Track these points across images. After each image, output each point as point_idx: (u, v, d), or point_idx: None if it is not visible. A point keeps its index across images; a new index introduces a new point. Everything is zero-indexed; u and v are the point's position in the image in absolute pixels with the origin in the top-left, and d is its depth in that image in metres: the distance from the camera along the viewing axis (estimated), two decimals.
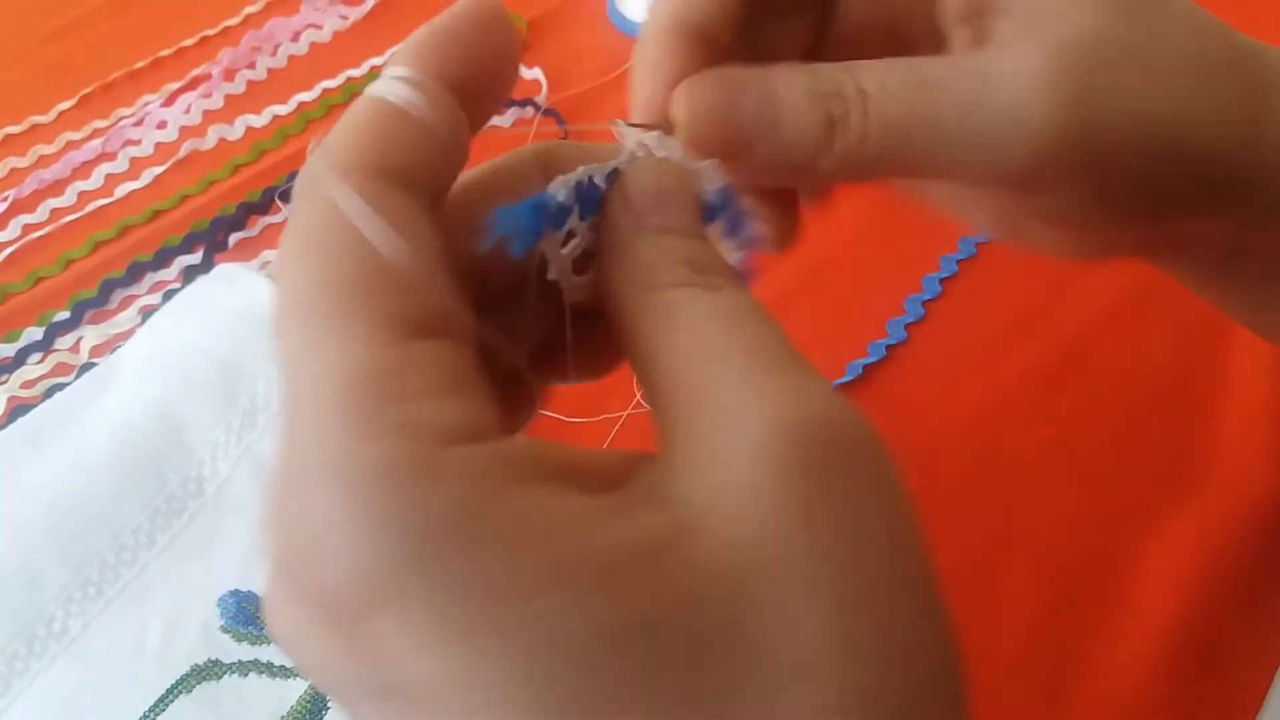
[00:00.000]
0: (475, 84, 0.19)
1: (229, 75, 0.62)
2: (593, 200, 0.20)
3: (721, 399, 0.16)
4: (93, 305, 0.50)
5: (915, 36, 0.24)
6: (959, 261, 0.46)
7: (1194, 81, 0.22)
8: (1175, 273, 0.30)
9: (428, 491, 0.14)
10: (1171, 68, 0.22)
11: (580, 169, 0.20)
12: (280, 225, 0.53)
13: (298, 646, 0.16)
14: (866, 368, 0.43)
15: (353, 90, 0.60)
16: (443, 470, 0.14)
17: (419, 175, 0.17)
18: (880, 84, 0.21)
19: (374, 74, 0.61)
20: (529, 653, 0.14)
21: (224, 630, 0.37)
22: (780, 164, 0.22)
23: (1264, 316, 0.30)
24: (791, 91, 0.22)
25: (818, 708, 0.14)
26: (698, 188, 0.21)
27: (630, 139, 0.22)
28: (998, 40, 0.22)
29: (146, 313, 0.49)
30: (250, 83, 0.62)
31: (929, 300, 0.45)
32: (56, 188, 0.56)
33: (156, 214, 0.54)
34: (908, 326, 0.44)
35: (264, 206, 0.54)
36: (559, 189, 0.20)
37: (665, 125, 0.23)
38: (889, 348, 0.44)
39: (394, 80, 0.18)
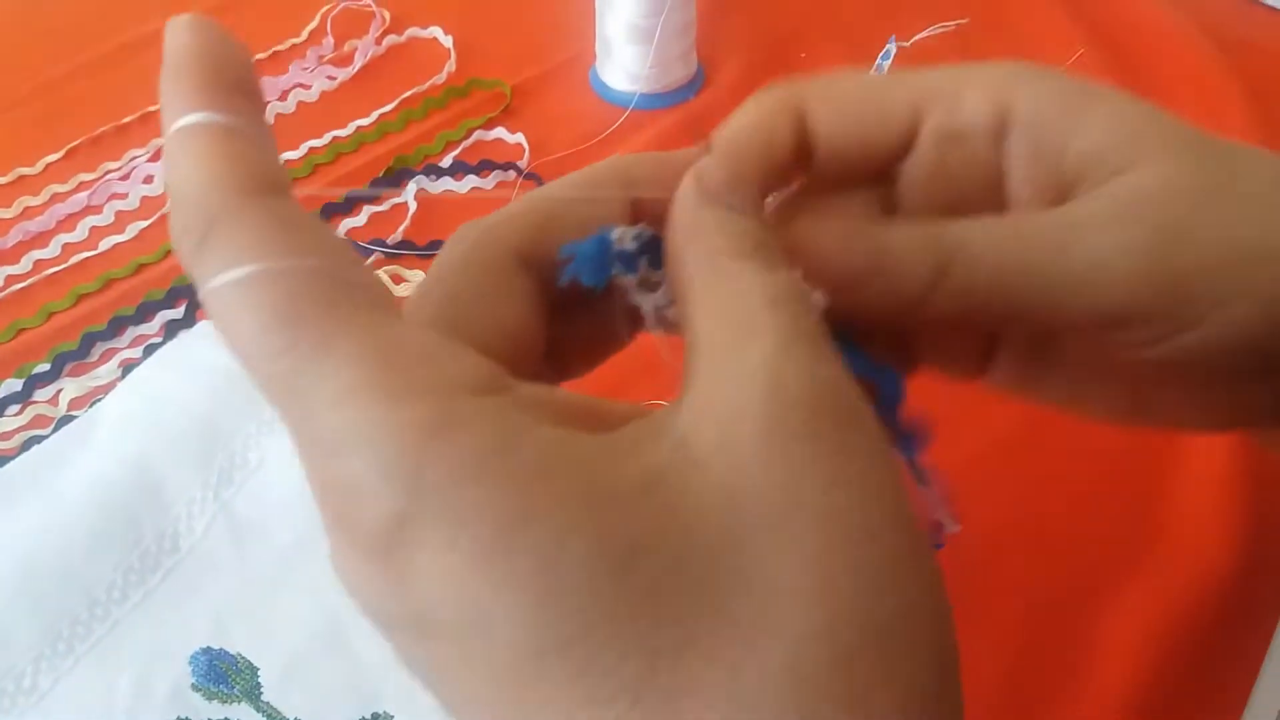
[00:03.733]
0: (245, 90, 0.19)
1: None
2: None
3: (747, 365, 0.18)
4: (73, 358, 0.50)
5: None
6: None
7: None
8: None
9: (448, 437, 0.16)
10: (1255, 202, 0.23)
11: (641, 225, 0.23)
12: None
13: (355, 588, 0.17)
14: None
15: (338, 150, 0.61)
16: (462, 418, 0.16)
17: (285, 182, 0.18)
18: (981, 235, 0.23)
19: (360, 134, 0.62)
20: (531, 575, 0.15)
21: (195, 689, 0.37)
22: (890, 301, 0.23)
23: None
24: (900, 238, 0.23)
25: (797, 633, 0.16)
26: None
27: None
28: (1076, 197, 0.24)
29: (127, 366, 0.49)
30: None
31: None
32: (41, 239, 0.57)
33: (140, 268, 0.55)
34: None
35: None
36: (625, 233, 0.22)
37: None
38: None
39: (193, 115, 0.18)
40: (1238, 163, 0.23)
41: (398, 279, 0.53)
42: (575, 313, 0.24)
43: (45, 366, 0.50)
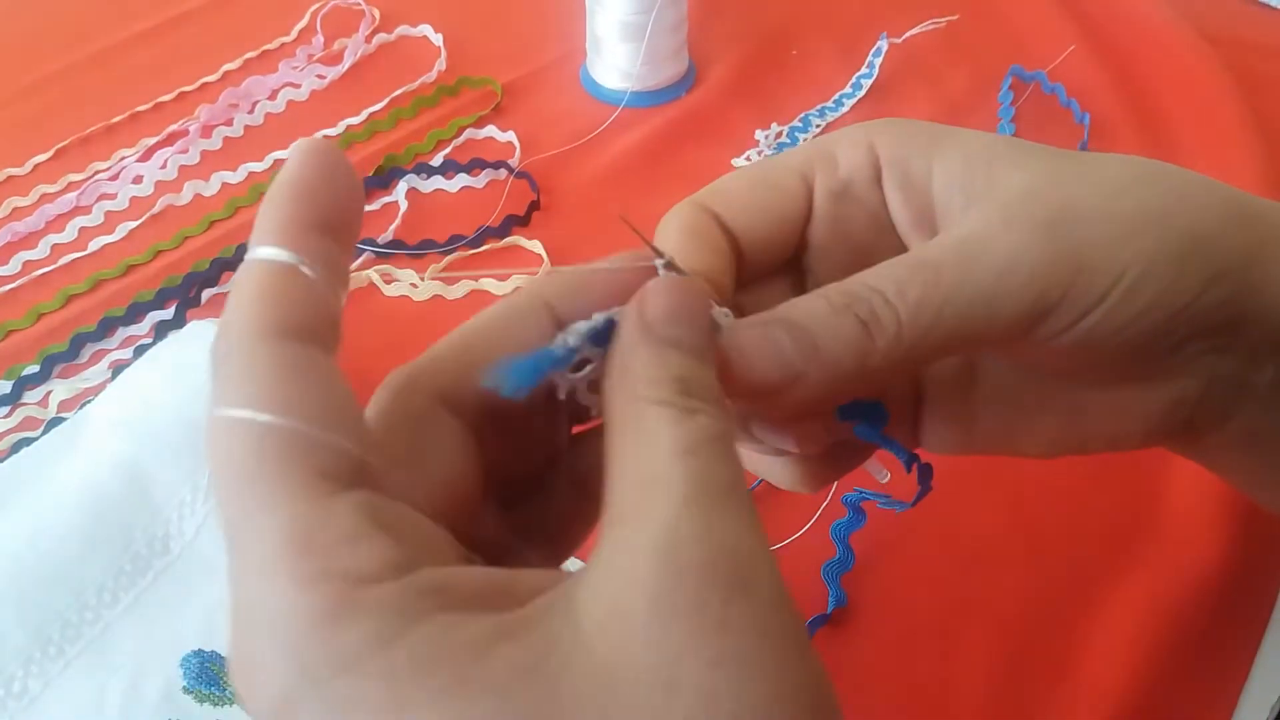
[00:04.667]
0: (331, 231, 0.20)
1: (206, 132, 0.62)
2: (609, 332, 0.22)
3: (645, 531, 0.18)
4: (63, 359, 0.50)
5: None
6: None
7: (1137, 224, 0.23)
8: (1227, 463, 0.30)
9: (334, 628, 0.16)
10: (1115, 183, 0.24)
11: (597, 316, 0.21)
12: None
13: None
14: None
15: None
16: (354, 609, 0.17)
17: (319, 328, 0.19)
18: (889, 277, 0.23)
19: (350, 133, 0.62)
20: None
21: (186, 691, 0.37)
22: (833, 380, 0.23)
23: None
24: (815, 312, 0.23)
25: None
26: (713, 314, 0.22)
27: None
28: (953, 221, 0.25)
29: (117, 368, 0.49)
30: (227, 139, 0.62)
31: None
32: (29, 240, 0.56)
33: (130, 268, 0.55)
34: None
35: (238, 263, 0.54)
36: (571, 336, 0.21)
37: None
38: None
39: (264, 249, 0.19)
40: (1088, 160, 0.25)
41: (389, 278, 0.53)
42: (512, 443, 0.23)
43: (34, 368, 0.50)
